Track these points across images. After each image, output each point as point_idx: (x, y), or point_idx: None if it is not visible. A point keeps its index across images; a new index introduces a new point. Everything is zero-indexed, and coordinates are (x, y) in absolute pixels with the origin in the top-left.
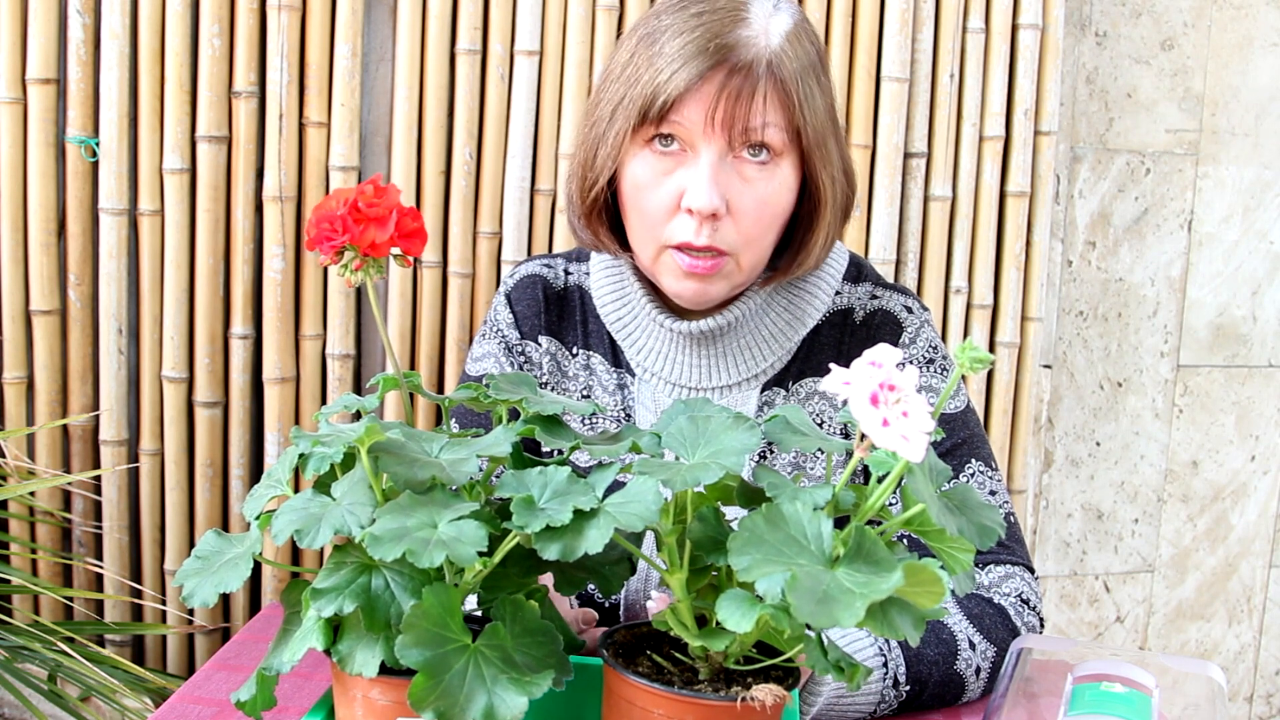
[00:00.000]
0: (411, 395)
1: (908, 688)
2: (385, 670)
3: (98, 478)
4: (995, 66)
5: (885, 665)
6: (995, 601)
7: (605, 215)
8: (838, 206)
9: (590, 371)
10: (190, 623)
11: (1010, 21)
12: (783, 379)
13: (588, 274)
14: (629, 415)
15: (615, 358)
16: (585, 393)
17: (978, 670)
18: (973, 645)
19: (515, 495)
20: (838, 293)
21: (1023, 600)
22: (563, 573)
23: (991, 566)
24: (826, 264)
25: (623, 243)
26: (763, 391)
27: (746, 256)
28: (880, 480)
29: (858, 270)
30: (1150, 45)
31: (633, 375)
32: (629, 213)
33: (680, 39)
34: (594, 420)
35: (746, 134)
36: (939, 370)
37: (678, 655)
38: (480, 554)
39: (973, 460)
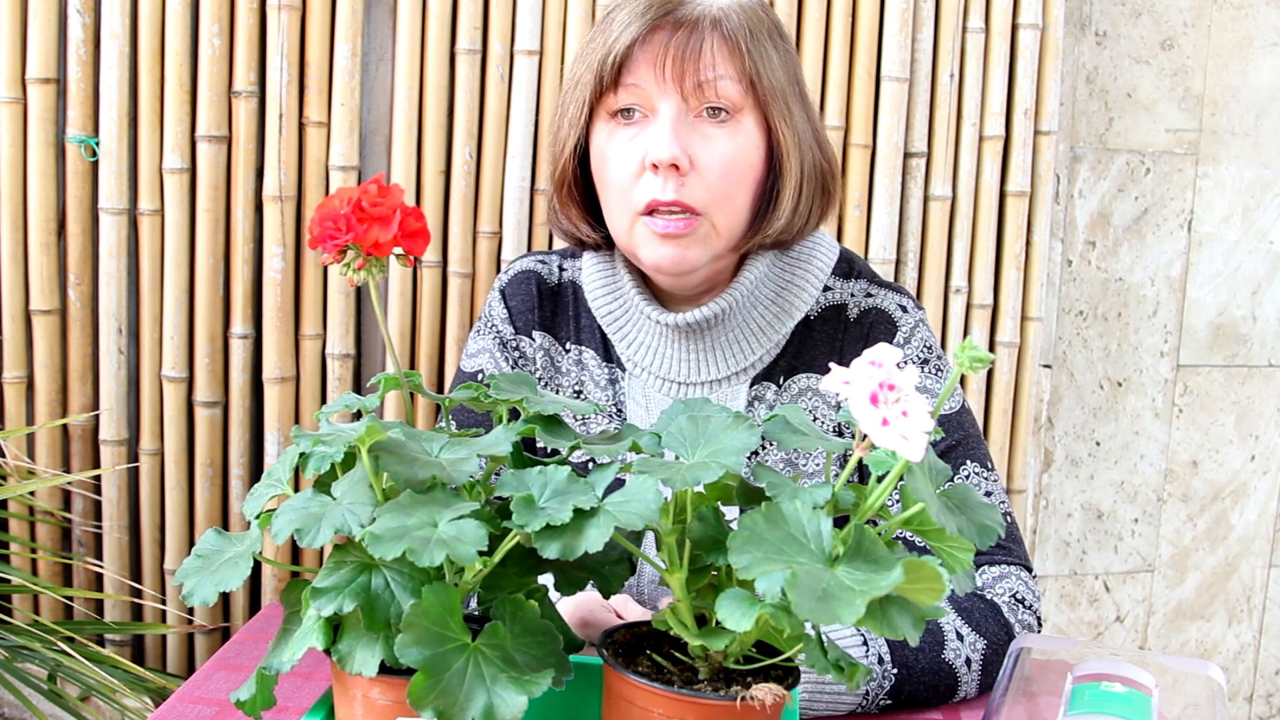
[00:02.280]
0: (411, 394)
1: (894, 670)
2: (385, 669)
3: (97, 477)
4: (995, 66)
5: (865, 644)
6: (987, 598)
7: (576, 193)
8: (807, 170)
9: (582, 367)
10: (190, 622)
11: (1010, 21)
12: (772, 373)
13: (581, 269)
14: (620, 410)
15: (606, 352)
16: (578, 388)
17: (968, 662)
18: (960, 636)
19: (515, 494)
20: (828, 288)
21: (1017, 599)
22: (563, 572)
23: (986, 568)
24: (814, 255)
25: (595, 226)
26: (752, 385)
27: (720, 217)
28: (880, 479)
29: (849, 266)
30: (1150, 45)
31: (623, 370)
32: (600, 188)
33: (629, 9)
34: (586, 417)
35: (701, 88)
36: (934, 370)
37: (678, 655)
38: (480, 553)
39: (968, 461)
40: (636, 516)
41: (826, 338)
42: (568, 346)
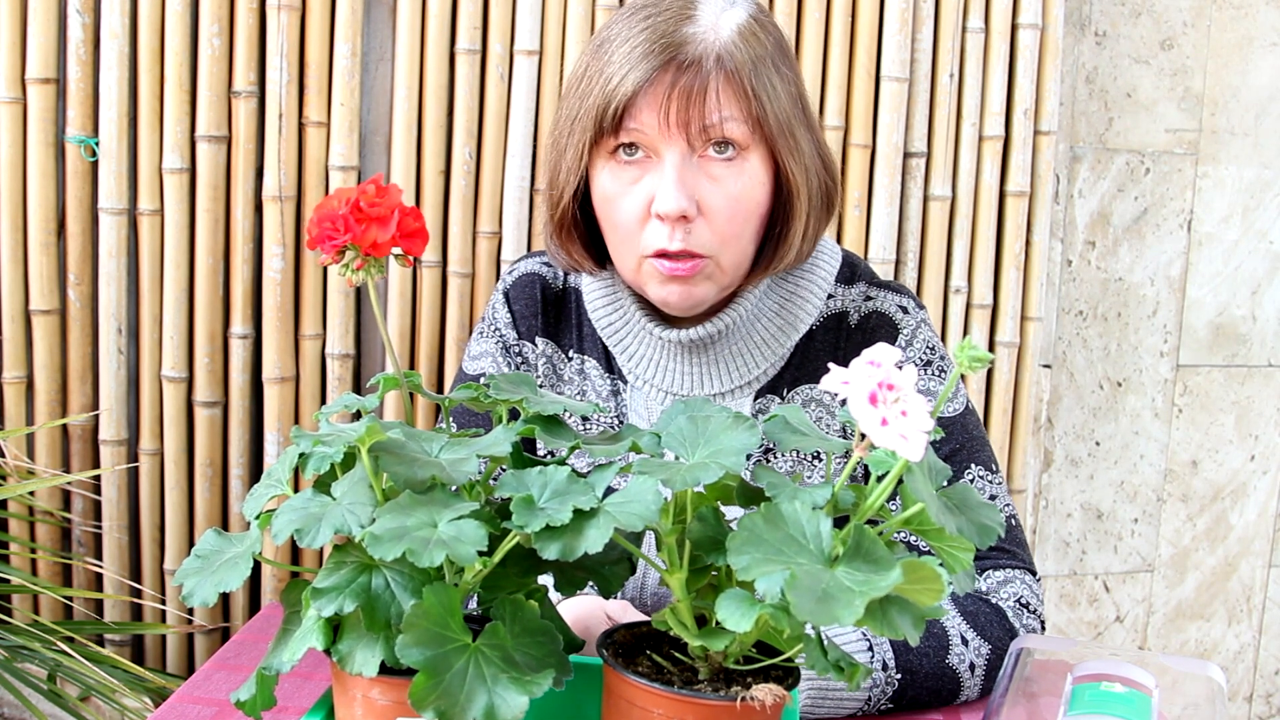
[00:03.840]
0: (411, 395)
1: (898, 675)
2: (385, 670)
3: (97, 477)
4: (995, 66)
5: (871, 650)
6: (992, 602)
7: (576, 231)
8: (815, 198)
9: (585, 376)
10: (190, 622)
11: (1010, 21)
12: (776, 386)
13: (583, 276)
14: (622, 422)
15: (609, 364)
16: (580, 397)
17: (972, 666)
18: (965, 641)
19: (515, 495)
20: (830, 295)
21: (1021, 603)
22: (562, 572)
23: (990, 571)
24: (817, 266)
25: (598, 259)
26: (756, 398)
27: (726, 256)
28: (880, 479)
29: (851, 270)
30: (1150, 45)
31: (625, 382)
32: (605, 226)
33: (627, 44)
34: (586, 424)
35: (706, 131)
36: (937, 372)
37: (678, 655)
38: (480, 554)
39: (972, 465)
40: (636, 517)
41: (829, 347)
42: (570, 355)
